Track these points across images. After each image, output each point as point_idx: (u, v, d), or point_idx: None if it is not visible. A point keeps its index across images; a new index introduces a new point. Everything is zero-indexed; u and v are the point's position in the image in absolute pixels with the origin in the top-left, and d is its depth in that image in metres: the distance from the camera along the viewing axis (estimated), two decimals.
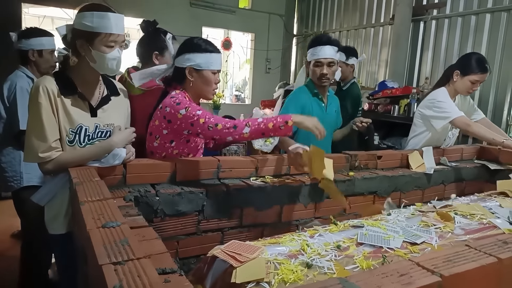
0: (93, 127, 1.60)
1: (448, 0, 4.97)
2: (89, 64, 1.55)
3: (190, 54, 1.75)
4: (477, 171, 2.58)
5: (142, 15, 6.42)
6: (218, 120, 1.61)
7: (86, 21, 1.48)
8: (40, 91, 1.47)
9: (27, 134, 1.50)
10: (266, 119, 1.59)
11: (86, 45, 1.51)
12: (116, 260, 0.73)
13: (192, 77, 1.76)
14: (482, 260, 0.83)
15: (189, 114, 1.63)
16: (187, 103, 1.67)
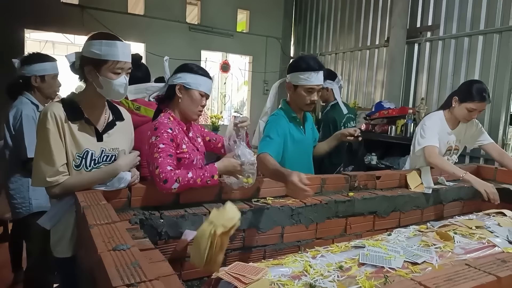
0: (99, 152, 1.63)
1: (441, 22, 5.11)
2: (96, 90, 1.60)
3: (182, 73, 1.86)
4: (474, 190, 2.60)
5: (143, 39, 6.57)
6: (162, 164, 1.62)
7: (94, 49, 1.54)
8: (48, 117, 1.52)
9: (35, 159, 1.54)
10: (195, 173, 1.65)
11: (94, 71, 1.57)
12: (129, 282, 0.76)
13: (180, 94, 1.84)
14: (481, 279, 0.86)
15: (154, 143, 1.68)
16: (161, 131, 1.71)
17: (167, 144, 1.70)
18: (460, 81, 4.83)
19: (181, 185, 1.61)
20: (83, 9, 6.03)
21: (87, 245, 1.13)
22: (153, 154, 1.67)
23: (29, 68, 2.46)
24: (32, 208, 2.40)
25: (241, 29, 8.00)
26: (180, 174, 1.62)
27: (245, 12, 7.79)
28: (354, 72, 6.69)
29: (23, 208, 2.40)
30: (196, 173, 1.66)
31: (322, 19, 7.44)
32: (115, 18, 6.22)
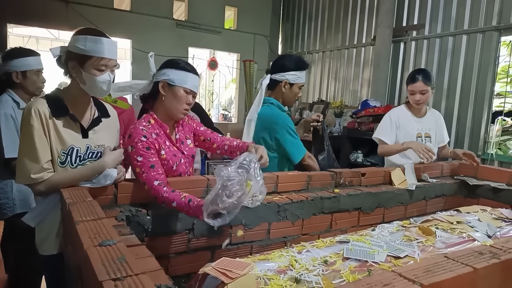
0: (84, 148, 1.62)
1: (427, 22, 5.19)
2: (76, 86, 1.60)
3: (167, 69, 1.75)
4: (456, 187, 2.68)
5: (129, 36, 6.51)
6: (148, 180, 1.59)
7: (79, 44, 1.52)
8: (32, 113, 1.50)
9: (19, 156, 1.52)
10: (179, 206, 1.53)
11: (78, 67, 1.55)
12: (115, 276, 0.77)
13: (164, 91, 1.74)
14: (459, 270, 0.89)
15: (132, 156, 1.64)
16: (135, 140, 1.64)
17: (144, 154, 1.63)
18: (444, 79, 4.92)
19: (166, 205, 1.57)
20: (68, 4, 5.94)
21: (73, 242, 1.13)
22: (135, 167, 1.64)
23: (11, 63, 2.36)
24: (16, 209, 2.35)
25: (228, 26, 7.99)
26: (165, 199, 1.55)
27: (233, 9, 7.78)
28: (341, 70, 6.75)
29: (7, 209, 2.35)
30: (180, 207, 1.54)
31: (309, 17, 7.47)
32: (100, 13, 6.15)
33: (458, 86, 4.77)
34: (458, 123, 4.78)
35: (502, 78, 5.35)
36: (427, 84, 2.72)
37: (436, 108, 4.97)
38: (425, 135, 2.85)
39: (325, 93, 7.06)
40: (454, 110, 4.81)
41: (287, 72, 2.35)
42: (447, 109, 4.90)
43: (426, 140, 2.85)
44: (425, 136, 2.85)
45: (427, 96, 2.77)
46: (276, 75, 2.37)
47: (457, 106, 4.79)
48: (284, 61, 2.40)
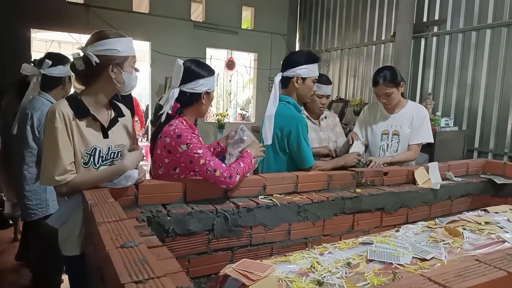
0: (106, 149, 1.65)
1: (448, 16, 5.06)
2: (105, 87, 1.64)
3: (204, 79, 1.84)
4: (483, 186, 2.59)
5: (148, 38, 6.59)
6: (217, 166, 1.71)
7: (114, 46, 1.59)
8: (56, 115, 1.52)
9: (44, 157, 1.55)
10: (243, 162, 1.82)
11: (117, 68, 1.61)
12: (137, 279, 0.76)
13: (204, 100, 1.88)
14: (492, 274, 0.85)
15: (190, 152, 1.70)
16: (188, 137, 1.72)
17: (202, 147, 1.75)
18: (467, 75, 4.79)
19: (240, 176, 1.76)
20: (88, 8, 6.05)
21: (95, 243, 1.14)
22: (197, 161, 1.70)
23: (63, 68, 2.46)
24: (49, 210, 2.39)
25: (246, 26, 7.98)
26: (237, 167, 1.77)
27: (250, 9, 7.77)
28: (360, 67, 6.66)
29: (38, 210, 2.39)
30: (244, 162, 1.82)
31: (327, 14, 7.39)
32: (120, 16, 6.23)
33: (482, 82, 4.63)
34: (483, 120, 4.64)
35: None
36: (389, 86, 2.58)
37: (459, 105, 4.89)
38: (393, 132, 2.72)
39: (344, 91, 6.98)
40: (478, 107, 4.68)
41: (298, 67, 2.29)
42: (471, 106, 4.77)
43: (394, 138, 2.71)
44: (393, 133, 2.72)
45: (394, 97, 2.62)
46: (287, 72, 2.31)
47: (482, 102, 4.66)
48: (293, 57, 2.36)
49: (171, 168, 1.80)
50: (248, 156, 1.86)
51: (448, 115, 4.92)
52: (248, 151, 1.90)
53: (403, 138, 2.69)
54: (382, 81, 2.59)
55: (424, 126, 2.70)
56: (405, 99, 2.78)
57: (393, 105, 2.70)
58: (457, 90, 4.95)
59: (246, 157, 1.86)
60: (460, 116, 4.88)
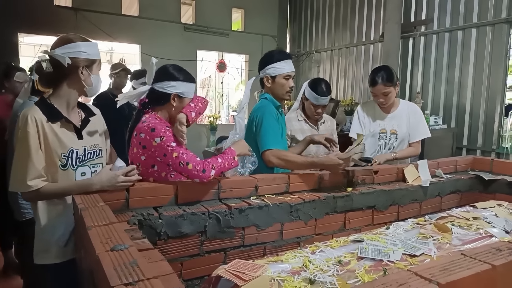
0: (82, 150, 1.67)
1: (435, 16, 5.12)
2: (73, 89, 1.66)
3: (176, 82, 1.86)
4: (471, 182, 2.63)
5: (138, 41, 6.57)
6: (190, 159, 1.70)
7: (84, 49, 1.63)
8: (29, 120, 1.52)
9: (15, 162, 1.54)
10: (221, 157, 1.81)
11: (86, 71, 1.64)
12: (127, 281, 0.76)
13: (175, 103, 1.88)
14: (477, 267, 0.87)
15: (164, 145, 1.72)
16: (162, 130, 1.74)
17: (177, 140, 1.76)
18: (455, 74, 4.85)
19: (216, 171, 1.74)
20: (77, 12, 6.01)
21: (86, 247, 1.14)
22: (170, 154, 1.71)
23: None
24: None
25: (236, 28, 8.00)
26: (212, 161, 1.75)
27: (240, 11, 7.78)
28: (350, 68, 6.70)
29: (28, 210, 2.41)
30: (223, 158, 1.81)
31: (317, 16, 7.44)
32: (109, 19, 6.21)
33: (469, 80, 4.70)
34: (471, 117, 4.71)
35: None
36: (387, 85, 2.63)
37: (447, 104, 4.95)
38: (390, 131, 2.77)
39: (335, 91, 7.02)
40: (466, 104, 4.74)
41: (266, 67, 2.32)
42: (459, 104, 4.83)
43: (392, 137, 2.76)
44: (391, 132, 2.77)
45: (391, 96, 2.68)
46: (260, 74, 2.38)
47: (470, 100, 4.72)
48: (263, 58, 2.39)
49: (149, 165, 1.81)
50: (229, 153, 1.85)
51: (437, 114, 4.97)
52: (232, 148, 1.89)
53: (401, 136, 2.76)
54: (381, 80, 2.63)
55: (422, 123, 2.83)
56: (397, 99, 2.84)
57: (389, 105, 2.75)
58: (445, 89, 5.01)
59: (227, 153, 1.85)
60: (449, 114, 4.94)
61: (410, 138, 2.78)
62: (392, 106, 2.79)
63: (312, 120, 2.93)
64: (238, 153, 1.89)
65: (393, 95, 2.69)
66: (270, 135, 2.18)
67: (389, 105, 2.75)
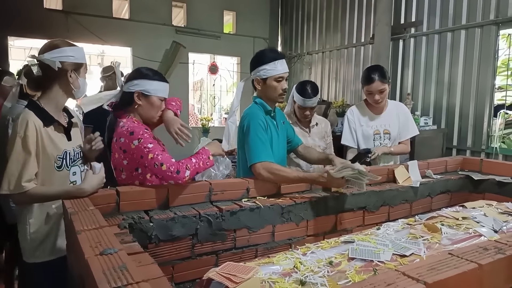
0: (72, 151, 1.75)
1: (425, 18, 5.17)
2: (61, 92, 1.72)
3: (139, 80, 1.88)
4: (461, 182, 2.66)
5: (129, 43, 6.54)
6: (165, 160, 1.69)
7: (71, 53, 1.68)
8: (30, 125, 1.57)
9: (11, 163, 1.55)
10: (195, 157, 1.79)
11: (74, 74, 1.70)
12: (116, 285, 0.76)
13: (140, 101, 1.88)
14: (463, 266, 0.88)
15: (141, 146, 1.72)
16: (140, 133, 1.75)
17: (153, 141, 1.75)
18: (444, 75, 4.90)
19: (191, 171, 1.71)
20: (68, 15, 5.98)
21: (75, 251, 1.13)
22: (146, 156, 1.70)
23: None
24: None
25: (228, 31, 8.00)
26: (186, 162, 1.73)
27: (231, 13, 7.79)
28: (341, 69, 6.74)
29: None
30: (197, 158, 1.79)
31: (308, 18, 7.47)
32: (100, 23, 6.18)
33: (459, 81, 4.75)
34: (460, 118, 4.76)
35: (502, 71, 5.32)
36: (384, 82, 2.67)
37: (437, 105, 5.00)
38: (384, 131, 2.79)
39: (326, 93, 7.05)
40: (456, 105, 4.79)
41: (256, 69, 2.17)
42: (449, 105, 4.88)
43: (385, 137, 2.79)
44: (384, 132, 2.79)
45: (385, 94, 2.72)
46: (252, 75, 2.23)
47: (459, 101, 4.77)
48: (253, 59, 2.23)
49: (132, 169, 1.81)
50: (204, 153, 1.84)
51: (427, 114, 5.02)
52: (206, 148, 1.89)
53: (393, 135, 2.80)
54: (377, 77, 2.66)
55: (410, 121, 2.88)
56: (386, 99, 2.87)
57: (381, 104, 2.78)
58: (435, 90, 5.06)
59: (201, 153, 1.84)
60: (439, 115, 4.99)
61: (401, 136, 2.82)
62: (382, 106, 2.83)
63: (304, 123, 2.93)
64: (212, 152, 1.87)
65: (386, 93, 2.74)
66: (259, 147, 2.04)
67: (381, 104, 2.78)
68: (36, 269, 1.71)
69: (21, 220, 1.71)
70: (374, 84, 2.67)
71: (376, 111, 2.83)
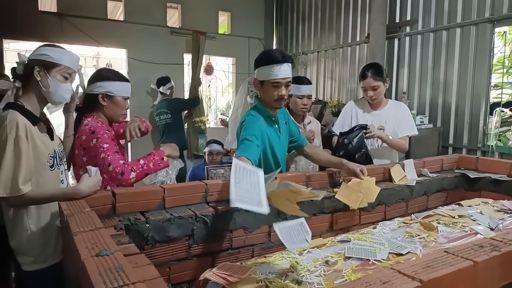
0: (58, 150, 1.75)
1: (420, 17, 5.19)
2: (35, 92, 1.68)
3: (101, 82, 1.94)
4: (457, 181, 2.67)
5: (124, 45, 6.52)
6: (113, 160, 1.73)
7: (48, 53, 1.65)
8: (20, 125, 1.54)
9: (5, 166, 1.52)
10: (145, 158, 1.81)
11: (43, 71, 1.64)
12: (112, 286, 0.76)
13: (104, 102, 1.95)
14: (459, 264, 0.89)
15: (98, 145, 1.78)
16: (100, 132, 1.81)
17: (110, 142, 1.80)
18: (440, 74, 4.91)
19: (137, 173, 1.74)
20: (62, 17, 5.95)
21: (72, 253, 1.13)
22: (99, 155, 1.76)
23: None
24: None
25: (223, 31, 7.99)
26: (133, 163, 1.75)
27: (226, 14, 7.78)
28: (336, 69, 6.75)
29: None
30: (146, 159, 1.80)
31: (303, 18, 7.48)
32: (95, 24, 6.15)
33: (454, 79, 4.76)
34: (456, 116, 4.77)
35: (498, 69, 5.34)
36: (377, 79, 2.71)
37: (433, 103, 5.01)
38: (378, 127, 2.81)
39: (322, 92, 7.06)
40: (452, 103, 4.81)
41: (257, 69, 2.07)
42: (445, 104, 4.89)
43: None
44: (378, 128, 2.80)
45: (380, 91, 2.75)
46: (255, 74, 2.13)
47: (455, 99, 4.78)
48: (257, 57, 2.12)
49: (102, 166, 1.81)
50: (157, 154, 1.85)
51: (423, 113, 5.03)
52: (162, 148, 1.90)
53: (388, 133, 2.80)
54: (370, 74, 2.71)
55: (409, 120, 2.89)
56: (386, 98, 2.92)
57: (378, 101, 2.81)
58: (431, 88, 5.08)
59: (153, 154, 1.85)
60: (435, 114, 5.00)
61: (398, 134, 2.82)
62: (380, 103, 2.86)
63: (298, 119, 2.93)
64: (167, 153, 1.89)
65: (382, 91, 2.76)
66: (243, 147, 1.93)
67: (378, 101, 2.81)
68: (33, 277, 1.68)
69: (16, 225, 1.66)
70: (367, 80, 2.73)
71: (373, 107, 2.87)
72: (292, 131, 2.35)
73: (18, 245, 1.66)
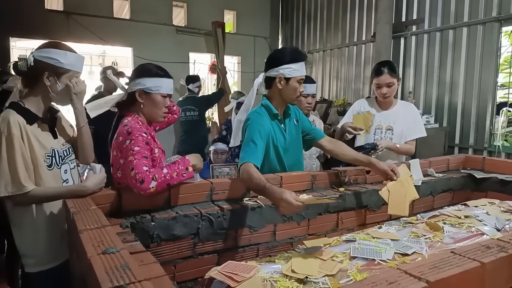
0: (60, 148, 1.71)
1: (426, 16, 5.16)
2: (41, 94, 1.66)
3: (140, 78, 1.85)
4: (463, 181, 2.65)
5: (130, 44, 6.54)
6: (136, 165, 1.61)
7: (57, 57, 1.60)
8: (11, 123, 1.52)
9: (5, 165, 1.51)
10: (169, 167, 1.67)
11: (53, 78, 1.62)
12: (118, 284, 0.76)
13: (142, 99, 1.86)
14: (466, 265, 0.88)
15: (129, 147, 1.69)
16: (136, 134, 1.72)
17: (142, 146, 1.70)
18: (446, 73, 4.89)
19: (158, 183, 1.60)
20: (69, 16, 5.98)
21: (78, 250, 1.13)
22: (127, 157, 1.67)
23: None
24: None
25: (228, 30, 7.99)
26: (156, 172, 1.62)
27: (232, 12, 7.78)
28: (342, 68, 6.73)
29: None
30: (170, 168, 1.67)
31: (308, 17, 7.46)
32: (101, 23, 6.17)
33: (461, 79, 4.73)
34: (463, 116, 4.74)
35: (505, 68, 5.30)
36: (393, 76, 2.69)
37: (439, 103, 4.98)
38: (386, 127, 2.80)
39: (327, 92, 7.04)
40: (458, 103, 4.78)
41: (281, 66, 2.07)
42: (451, 103, 4.86)
43: (387, 132, 2.80)
44: (387, 128, 2.80)
45: (394, 89, 2.74)
46: (270, 72, 2.12)
47: (461, 99, 4.76)
48: (277, 55, 2.15)
49: (127, 168, 1.74)
50: (182, 163, 1.72)
51: (429, 113, 5.01)
52: (188, 158, 1.77)
53: (396, 133, 2.79)
54: (387, 70, 2.68)
55: (418, 122, 2.87)
56: (395, 98, 2.90)
57: (389, 100, 2.79)
58: (437, 88, 5.05)
59: (179, 163, 1.72)
60: (441, 113, 4.98)
61: (406, 136, 2.80)
62: (390, 103, 2.84)
63: None
64: (193, 163, 1.76)
65: (395, 89, 2.75)
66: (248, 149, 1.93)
67: (389, 100, 2.79)
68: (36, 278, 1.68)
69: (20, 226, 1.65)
70: (383, 77, 2.69)
71: (382, 107, 2.85)
72: (304, 126, 2.32)
73: (21, 246, 1.67)
